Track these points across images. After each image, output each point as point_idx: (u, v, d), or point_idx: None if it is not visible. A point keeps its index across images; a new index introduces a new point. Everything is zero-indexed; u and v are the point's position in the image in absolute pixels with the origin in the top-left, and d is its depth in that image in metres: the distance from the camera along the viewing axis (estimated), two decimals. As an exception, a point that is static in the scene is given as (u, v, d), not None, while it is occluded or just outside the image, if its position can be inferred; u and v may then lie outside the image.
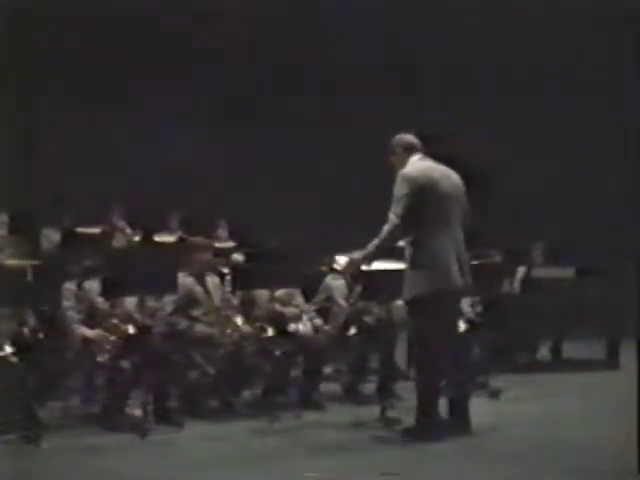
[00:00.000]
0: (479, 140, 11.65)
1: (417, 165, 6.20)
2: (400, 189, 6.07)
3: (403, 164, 6.21)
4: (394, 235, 6.12)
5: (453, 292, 6.13)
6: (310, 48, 12.11)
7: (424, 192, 6.04)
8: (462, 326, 7.30)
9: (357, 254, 6.42)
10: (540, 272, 9.73)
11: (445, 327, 6.07)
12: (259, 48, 12.19)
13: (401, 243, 6.23)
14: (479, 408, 6.28)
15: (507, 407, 7.19)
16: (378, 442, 6.06)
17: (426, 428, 5.97)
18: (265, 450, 5.88)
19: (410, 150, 6.27)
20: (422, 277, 6.01)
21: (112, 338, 6.36)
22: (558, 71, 12.29)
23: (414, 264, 6.05)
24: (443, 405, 6.11)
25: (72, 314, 6.58)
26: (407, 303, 6.21)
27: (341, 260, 7.70)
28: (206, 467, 5.47)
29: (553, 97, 12.20)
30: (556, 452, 5.73)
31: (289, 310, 7.48)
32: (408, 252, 6.10)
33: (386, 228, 6.09)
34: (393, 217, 6.05)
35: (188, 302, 6.97)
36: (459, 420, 6.10)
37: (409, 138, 6.34)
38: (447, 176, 6.23)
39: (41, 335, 6.28)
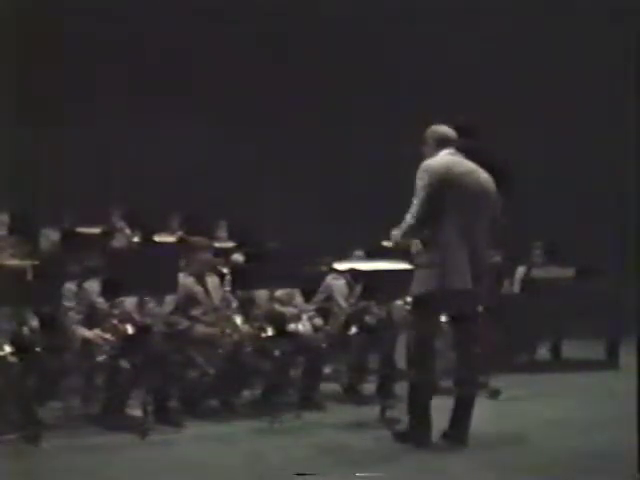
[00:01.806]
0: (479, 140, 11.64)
1: (443, 158, 5.92)
2: (421, 180, 5.81)
3: (432, 156, 5.95)
4: (411, 231, 5.86)
5: (458, 294, 5.82)
6: (310, 48, 12.12)
7: (443, 186, 5.78)
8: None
9: (395, 230, 5.98)
10: (540, 272, 9.73)
11: (442, 328, 5.97)
12: (258, 48, 12.19)
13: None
14: (478, 408, 6.25)
15: (506, 407, 7.19)
16: (378, 442, 6.04)
17: (419, 431, 5.84)
18: (265, 450, 5.87)
19: (442, 143, 5.98)
20: (428, 276, 5.81)
21: (111, 338, 6.36)
22: (557, 71, 12.30)
23: (423, 261, 5.86)
24: (441, 407, 6.09)
25: (72, 314, 6.58)
26: (412, 299, 6.08)
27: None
28: (205, 467, 5.46)
29: (554, 97, 12.20)
30: (555, 452, 5.73)
31: (288, 310, 7.48)
32: (420, 248, 5.91)
33: (404, 225, 5.85)
34: (409, 217, 5.81)
35: (188, 302, 6.97)
36: (456, 430, 5.89)
37: (443, 130, 6.04)
38: (473, 174, 5.95)
39: (41, 335, 6.29)
